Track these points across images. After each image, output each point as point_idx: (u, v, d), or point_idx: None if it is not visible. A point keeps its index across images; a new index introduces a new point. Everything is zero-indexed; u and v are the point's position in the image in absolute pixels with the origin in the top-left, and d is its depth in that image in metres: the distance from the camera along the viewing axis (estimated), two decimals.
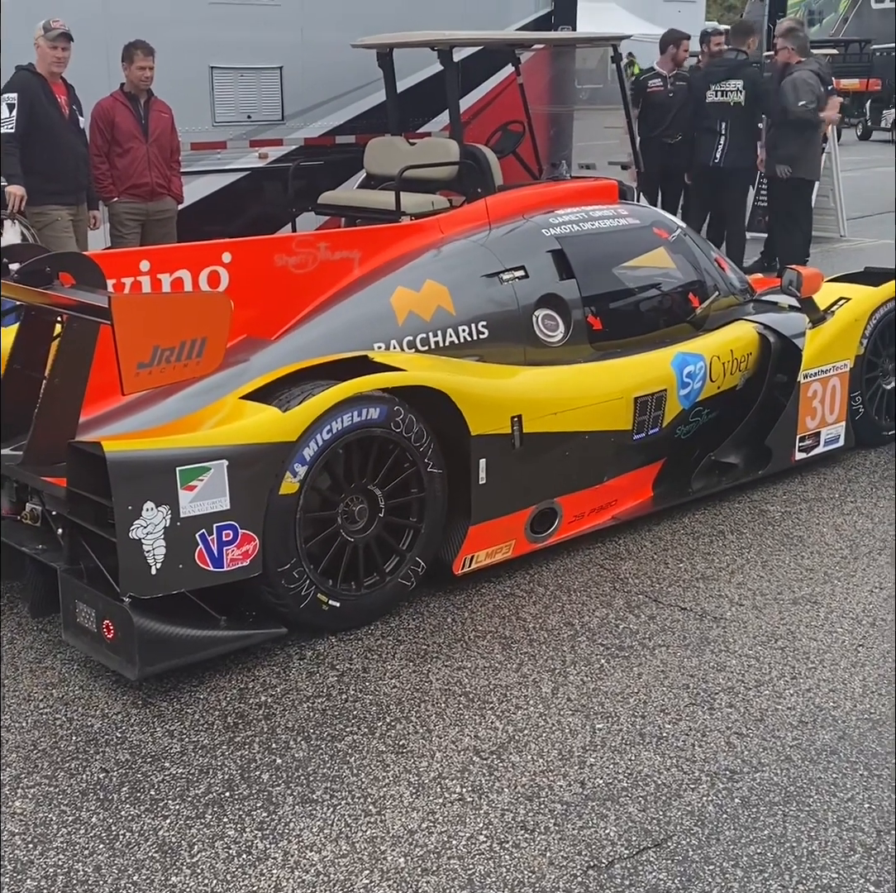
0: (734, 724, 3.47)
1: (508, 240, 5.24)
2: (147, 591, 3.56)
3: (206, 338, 3.58)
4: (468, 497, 4.24)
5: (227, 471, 3.62)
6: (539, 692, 3.65)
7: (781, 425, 5.34)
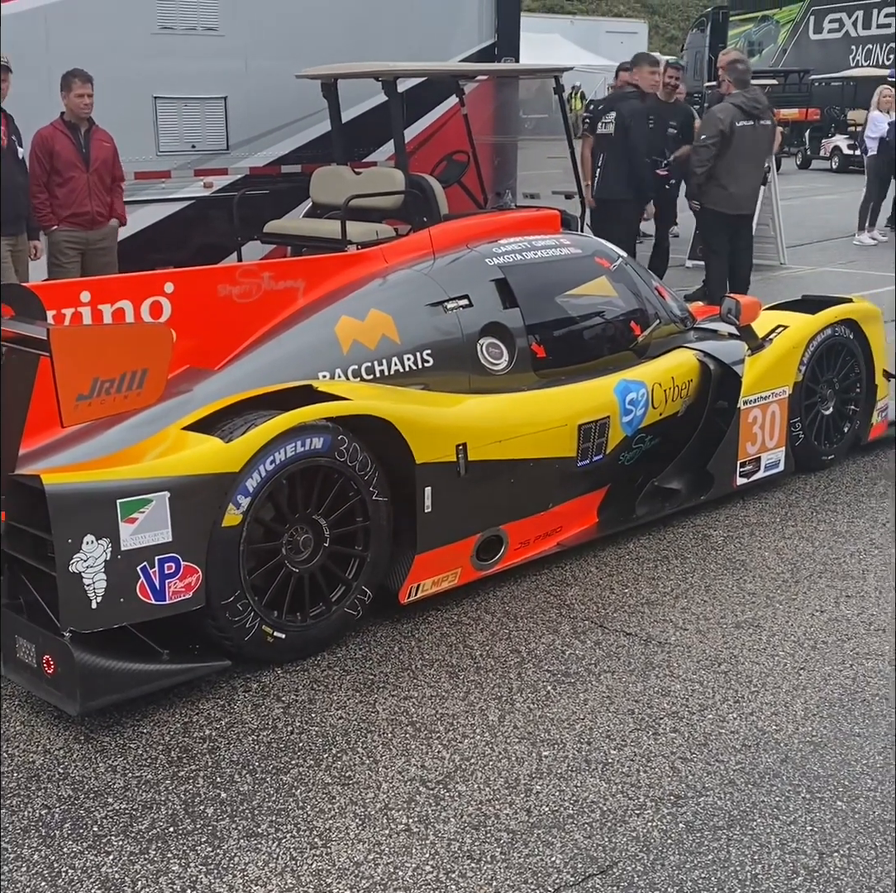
0: (678, 749, 3.50)
1: (452, 269, 5.26)
2: (88, 625, 3.53)
3: (146, 369, 3.57)
4: (414, 526, 4.25)
5: (168, 503, 3.60)
6: (486, 721, 3.66)
7: (722, 451, 5.41)
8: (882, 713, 3.69)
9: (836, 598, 4.54)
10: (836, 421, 6.05)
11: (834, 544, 5.08)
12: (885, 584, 4.66)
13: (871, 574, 4.76)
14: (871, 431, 6.24)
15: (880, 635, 4.22)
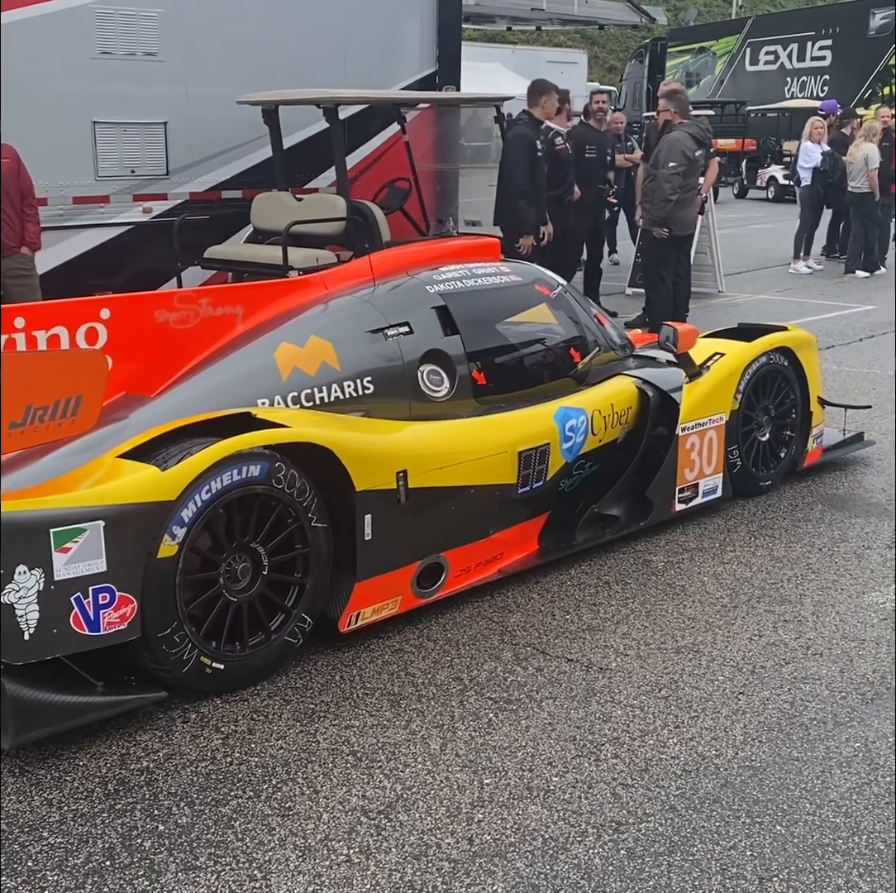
0: (620, 775, 3.50)
1: (393, 296, 5.25)
2: (20, 657, 3.47)
3: (81, 396, 3.50)
4: (353, 553, 4.22)
5: (103, 532, 3.54)
6: (427, 749, 3.64)
7: (661, 478, 5.45)
8: (820, 737, 3.72)
9: (774, 622, 4.59)
10: (772, 447, 6.12)
11: (772, 569, 5.13)
12: (822, 608, 4.71)
13: (809, 599, 4.81)
14: (806, 456, 6.32)
15: (817, 659, 4.27)
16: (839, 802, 3.38)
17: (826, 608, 4.73)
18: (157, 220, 8.81)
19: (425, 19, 10.57)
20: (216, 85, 8.85)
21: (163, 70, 8.66)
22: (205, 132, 8.96)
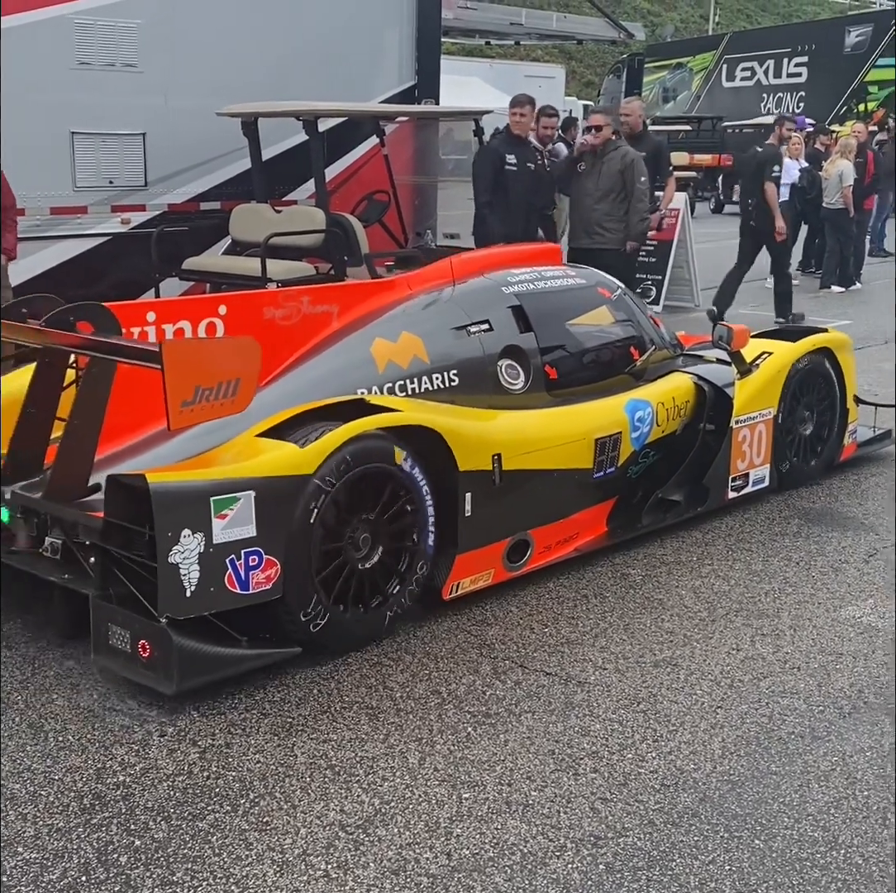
0: (598, 789, 3.50)
1: (473, 296, 5.66)
2: (182, 612, 3.83)
3: (239, 379, 3.88)
4: (455, 528, 4.62)
5: (253, 501, 3.94)
6: (406, 763, 3.63)
7: (716, 467, 5.83)
8: (798, 751, 3.73)
9: (751, 636, 4.60)
10: (812, 442, 6.49)
11: (749, 583, 5.14)
12: (799, 622, 4.72)
13: (786, 612, 4.83)
14: (843, 451, 6.69)
15: (795, 673, 4.28)
16: (817, 816, 3.38)
17: (803, 621, 4.74)
18: (136, 231, 8.78)
19: (404, 33, 10.60)
20: (195, 96, 8.84)
21: (142, 81, 8.64)
22: (183, 143, 8.94)
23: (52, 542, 4.27)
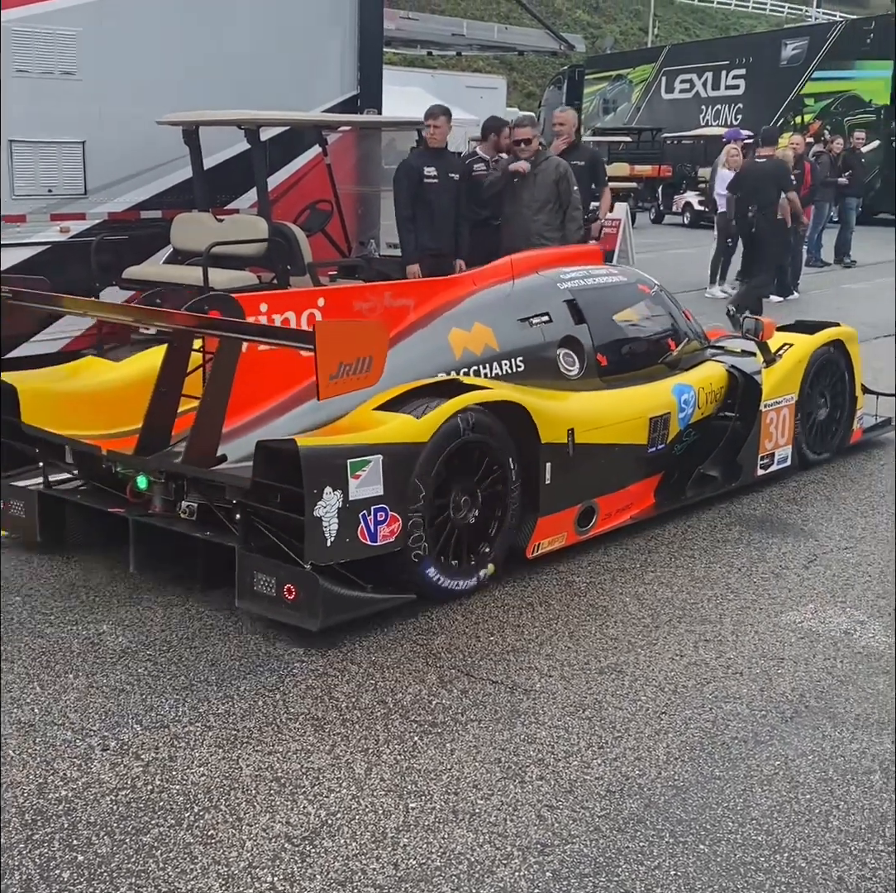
0: (545, 796, 3.51)
1: (532, 291, 6.25)
2: (324, 559, 4.41)
3: (372, 357, 4.35)
4: (536, 495, 5.21)
5: (381, 464, 4.52)
6: (352, 774, 3.62)
7: (748, 446, 6.45)
8: (741, 756, 3.76)
9: (694, 642, 4.64)
10: (827, 426, 7.16)
11: (692, 589, 5.19)
12: (742, 628, 4.77)
13: (728, 618, 4.87)
14: (852, 435, 7.33)
15: (738, 678, 4.32)
16: (761, 820, 3.42)
17: (745, 627, 4.79)
18: (75, 240, 8.71)
19: (346, 43, 10.61)
20: (135, 105, 8.78)
21: (81, 89, 8.57)
22: (124, 152, 8.88)
23: (188, 505, 4.85)
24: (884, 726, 3.97)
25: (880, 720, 4.01)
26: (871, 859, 3.23)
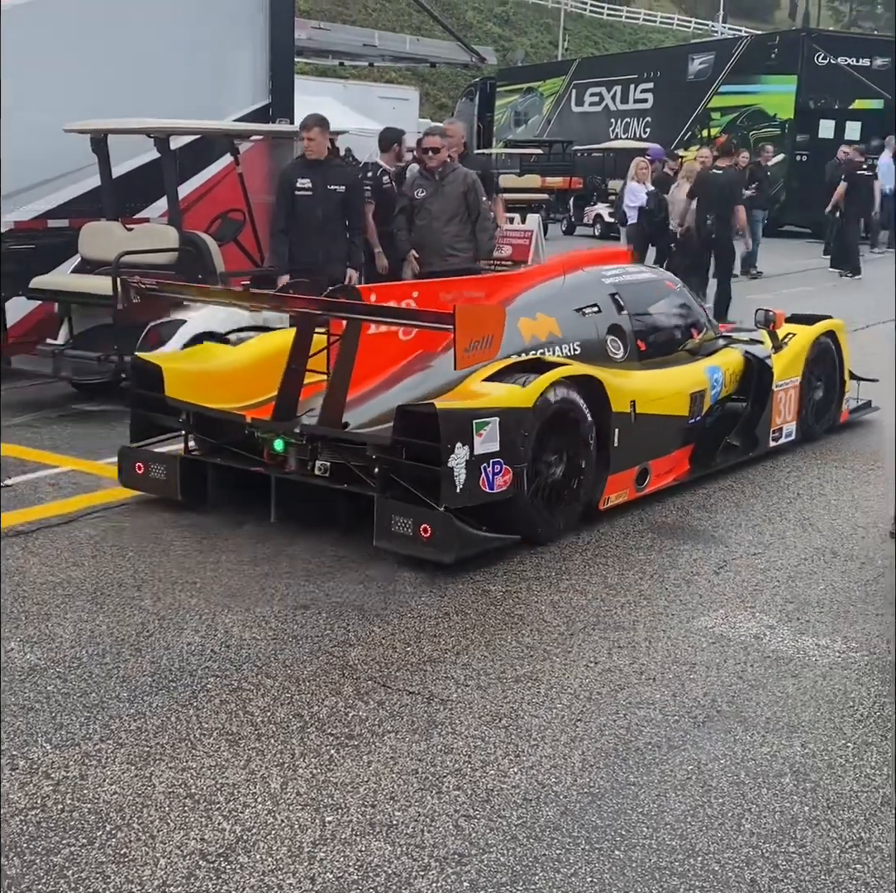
0: (462, 806, 3.51)
1: (582, 285, 7.16)
2: (455, 503, 5.27)
3: (493, 335, 5.21)
4: (607, 455, 6.09)
5: (498, 425, 5.38)
6: (267, 789, 3.58)
7: (763, 421, 7.41)
8: (655, 761, 3.81)
9: (608, 649, 4.68)
10: (822, 406, 8.11)
11: (606, 597, 5.24)
12: (654, 634, 4.83)
13: (641, 624, 4.93)
14: (841, 415, 8.28)
15: (651, 684, 4.37)
16: (675, 825, 3.45)
17: (658, 633, 4.85)
18: None
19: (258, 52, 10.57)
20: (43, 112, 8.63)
21: None
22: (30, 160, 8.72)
23: (321, 464, 5.71)
24: (793, 729, 4.05)
25: (790, 724, 4.08)
26: (783, 861, 3.28)
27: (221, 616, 4.87)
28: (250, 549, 5.67)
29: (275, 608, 4.98)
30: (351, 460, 5.61)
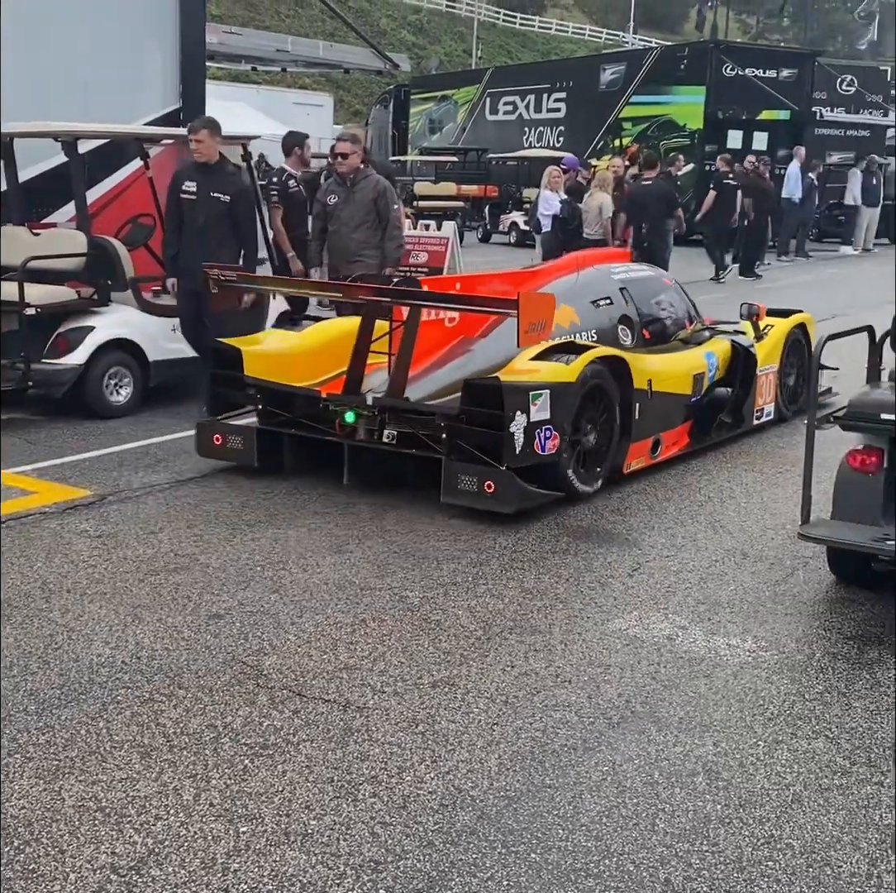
0: (378, 813, 3.49)
1: (595, 281, 8.08)
2: (515, 463, 6.21)
3: (545, 320, 6.20)
4: (630, 426, 6.98)
5: (549, 396, 6.29)
6: (180, 801, 3.53)
7: (749, 401, 8.29)
8: (571, 763, 3.82)
9: (525, 652, 4.69)
10: (794, 390, 9.01)
11: (522, 601, 5.25)
12: (570, 636, 4.85)
13: (557, 627, 4.95)
14: None
15: (566, 686, 4.39)
16: (590, 826, 3.47)
17: (573, 636, 4.87)
18: None
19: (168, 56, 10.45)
20: None
21: None
22: None
23: (389, 433, 6.54)
24: (706, 728, 4.09)
25: (702, 723, 4.13)
26: (696, 859, 3.32)
27: (132, 627, 4.80)
28: (161, 558, 5.60)
29: (187, 618, 4.91)
30: (419, 429, 6.48)
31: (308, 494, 6.69)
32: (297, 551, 5.77)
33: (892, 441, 5.12)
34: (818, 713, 4.24)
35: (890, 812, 3.59)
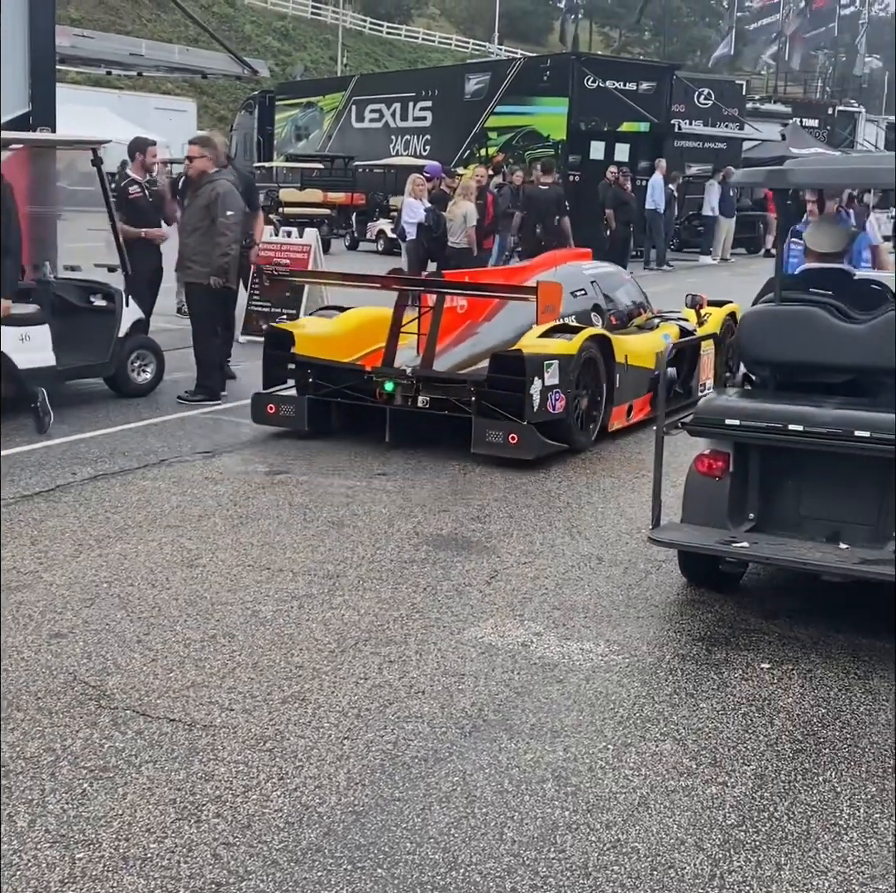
0: (221, 834, 3.40)
1: (572, 275, 9.62)
2: (533, 420, 7.69)
3: (553, 304, 8.06)
4: (612, 393, 8.51)
5: (557, 365, 7.77)
6: (14, 828, 3.39)
7: (695, 377, 9.54)
8: (421, 775, 3.79)
9: (379, 664, 4.65)
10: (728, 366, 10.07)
11: (378, 612, 5.21)
12: (425, 646, 4.83)
13: (413, 638, 4.92)
14: None
15: (420, 697, 4.36)
16: (438, 838, 3.44)
17: (429, 645, 4.85)
18: None
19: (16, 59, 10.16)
20: None
21: None
22: None
23: (423, 398, 7.94)
24: (556, 734, 4.10)
25: (553, 729, 4.14)
26: (543, 867, 3.31)
27: None
28: (2, 577, 5.40)
29: (28, 637, 4.74)
30: (451, 395, 7.89)
31: (160, 506, 6.54)
32: (147, 566, 5.63)
33: (737, 446, 5.23)
34: (666, 714, 4.29)
35: (733, 811, 3.65)
